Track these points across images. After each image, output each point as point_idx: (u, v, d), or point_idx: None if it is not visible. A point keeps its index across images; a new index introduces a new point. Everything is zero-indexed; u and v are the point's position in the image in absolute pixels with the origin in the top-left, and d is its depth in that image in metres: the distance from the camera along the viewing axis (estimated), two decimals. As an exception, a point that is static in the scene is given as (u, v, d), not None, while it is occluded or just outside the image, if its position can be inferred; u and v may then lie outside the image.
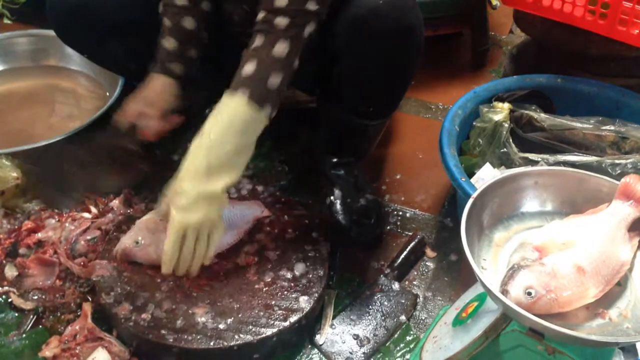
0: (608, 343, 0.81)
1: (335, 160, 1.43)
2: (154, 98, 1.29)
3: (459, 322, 0.99)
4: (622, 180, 0.93)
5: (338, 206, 1.38)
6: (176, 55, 1.29)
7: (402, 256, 1.34)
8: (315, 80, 1.36)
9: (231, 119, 1.09)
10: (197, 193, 1.09)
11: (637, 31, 1.34)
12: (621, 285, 0.87)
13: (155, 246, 1.19)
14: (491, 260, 0.92)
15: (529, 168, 1.01)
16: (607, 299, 0.85)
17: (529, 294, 0.81)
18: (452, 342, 0.97)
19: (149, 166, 1.45)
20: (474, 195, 0.92)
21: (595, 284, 0.84)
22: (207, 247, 1.14)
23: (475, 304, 0.98)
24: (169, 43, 1.28)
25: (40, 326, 1.19)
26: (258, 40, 1.12)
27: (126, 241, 1.21)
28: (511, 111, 1.39)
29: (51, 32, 1.41)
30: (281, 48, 1.10)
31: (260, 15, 1.12)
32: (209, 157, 1.08)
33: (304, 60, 1.14)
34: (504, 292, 0.82)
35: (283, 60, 1.10)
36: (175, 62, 1.29)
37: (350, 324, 1.22)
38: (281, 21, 1.10)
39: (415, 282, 1.32)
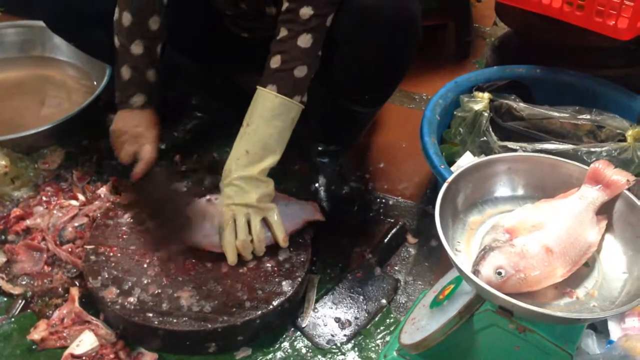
0: (572, 320, 0.84)
1: (321, 148, 1.46)
2: (140, 134, 1.27)
3: (436, 304, 1.02)
4: (592, 165, 0.95)
5: (322, 193, 1.41)
6: (135, 84, 1.27)
7: (384, 242, 1.37)
8: None
9: (263, 111, 1.15)
10: (236, 177, 1.16)
11: (613, 22, 1.37)
12: (589, 266, 0.90)
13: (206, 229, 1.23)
14: (465, 243, 0.95)
15: (503, 154, 1.03)
16: (575, 279, 0.88)
17: (499, 273, 0.83)
18: (429, 323, 1.00)
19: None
20: (449, 180, 0.95)
21: (563, 264, 0.86)
22: (263, 229, 1.20)
23: (452, 286, 1.01)
24: (125, 72, 1.26)
25: (29, 310, 1.22)
26: (283, 32, 1.14)
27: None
28: (491, 101, 1.41)
29: (39, 23, 1.42)
30: (305, 40, 1.13)
31: (285, 4, 1.14)
32: (247, 144, 1.16)
33: None
34: (476, 272, 0.84)
35: (307, 52, 1.13)
36: (137, 93, 1.27)
37: (332, 308, 1.25)
38: (306, 11, 1.12)
39: (396, 267, 1.35)
